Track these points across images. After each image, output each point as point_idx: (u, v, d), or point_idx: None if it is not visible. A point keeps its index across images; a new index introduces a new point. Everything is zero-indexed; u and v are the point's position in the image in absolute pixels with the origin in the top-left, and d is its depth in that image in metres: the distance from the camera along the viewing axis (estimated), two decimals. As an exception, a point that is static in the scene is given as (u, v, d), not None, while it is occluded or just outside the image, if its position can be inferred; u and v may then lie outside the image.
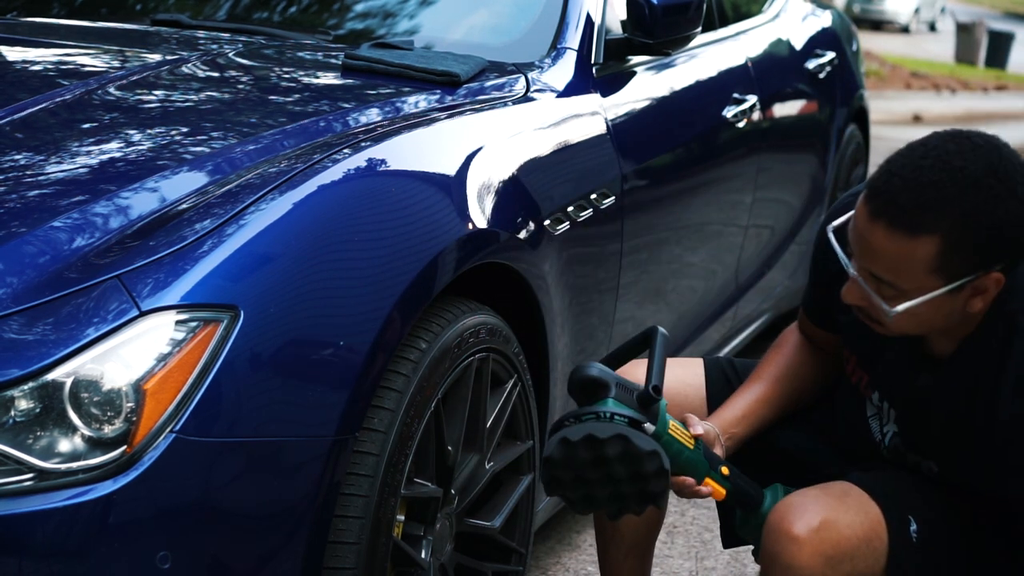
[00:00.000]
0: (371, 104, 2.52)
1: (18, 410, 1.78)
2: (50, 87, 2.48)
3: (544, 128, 2.71)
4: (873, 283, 1.90)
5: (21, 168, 2.12)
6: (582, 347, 2.76)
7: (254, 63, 2.80)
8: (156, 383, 1.81)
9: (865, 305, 1.94)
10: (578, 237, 2.67)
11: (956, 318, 1.92)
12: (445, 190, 2.30)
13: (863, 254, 1.89)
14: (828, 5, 5.22)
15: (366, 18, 3.21)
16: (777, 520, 1.99)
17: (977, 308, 1.90)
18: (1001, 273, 1.86)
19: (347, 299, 2.02)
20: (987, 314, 1.94)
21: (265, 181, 2.06)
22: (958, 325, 1.95)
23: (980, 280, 1.87)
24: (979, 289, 1.88)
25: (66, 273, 1.87)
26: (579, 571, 3.11)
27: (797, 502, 2.00)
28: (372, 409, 2.07)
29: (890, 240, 1.83)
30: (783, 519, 1.98)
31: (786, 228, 4.21)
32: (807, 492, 2.04)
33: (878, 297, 1.90)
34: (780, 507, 2.01)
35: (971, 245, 1.83)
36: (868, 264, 1.89)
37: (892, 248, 1.84)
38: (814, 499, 2.00)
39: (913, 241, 1.82)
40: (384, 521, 2.08)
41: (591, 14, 3.03)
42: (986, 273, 1.86)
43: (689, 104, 3.45)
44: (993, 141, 1.85)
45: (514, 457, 2.50)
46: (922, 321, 1.91)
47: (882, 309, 1.90)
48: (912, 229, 1.82)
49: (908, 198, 1.82)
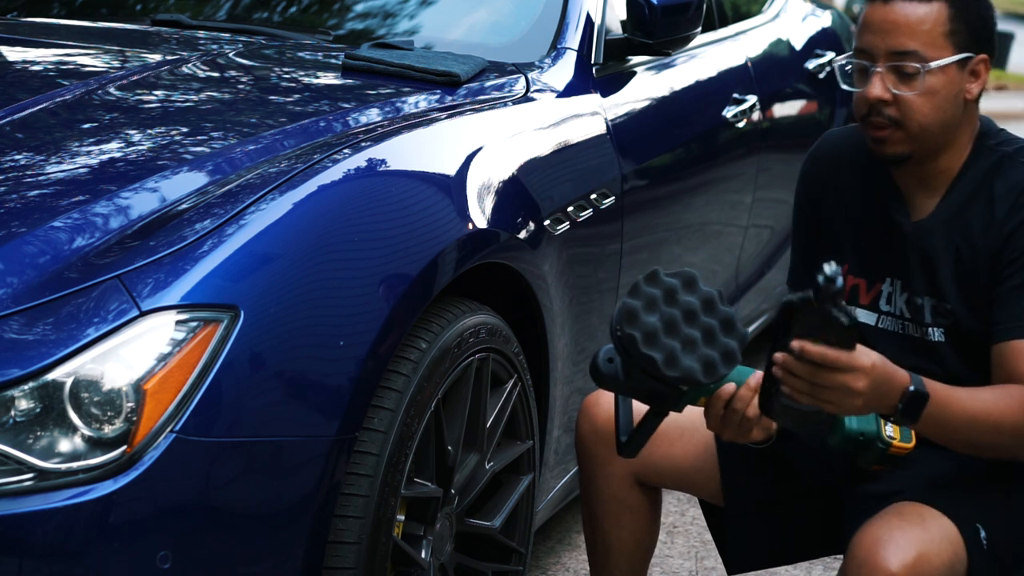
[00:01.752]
0: (371, 104, 2.52)
1: (18, 410, 1.78)
2: (50, 87, 2.48)
3: (544, 128, 2.71)
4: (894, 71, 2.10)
5: (21, 168, 2.12)
6: (582, 347, 2.76)
7: (254, 63, 2.80)
8: (156, 383, 1.81)
9: (888, 97, 2.10)
10: (578, 237, 2.67)
11: (959, 110, 2.13)
12: (445, 190, 2.30)
13: (885, 36, 2.10)
14: (828, 5, 5.22)
15: (366, 18, 3.21)
16: (868, 553, 1.96)
17: (974, 93, 2.14)
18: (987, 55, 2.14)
19: (347, 299, 2.02)
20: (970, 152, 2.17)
21: (265, 181, 2.06)
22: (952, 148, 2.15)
23: (976, 61, 2.13)
24: (975, 73, 2.13)
25: (66, 273, 1.87)
26: (579, 571, 3.11)
27: (886, 536, 1.97)
28: (372, 409, 2.07)
29: (909, 7, 2.09)
30: (875, 553, 1.95)
31: (786, 228, 4.21)
32: (888, 521, 2.01)
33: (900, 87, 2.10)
34: (868, 539, 1.98)
35: (969, 19, 2.11)
36: (892, 42, 2.09)
37: (913, 14, 2.09)
38: (900, 529, 1.98)
39: (928, 4, 2.10)
40: (384, 521, 2.08)
41: (591, 14, 3.03)
42: (979, 54, 2.13)
43: (689, 104, 3.45)
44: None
45: (514, 457, 2.50)
46: (937, 105, 2.10)
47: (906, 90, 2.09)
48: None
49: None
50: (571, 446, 2.80)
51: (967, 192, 2.16)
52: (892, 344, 2.21)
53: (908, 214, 2.20)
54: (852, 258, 2.27)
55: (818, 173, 2.33)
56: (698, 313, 1.91)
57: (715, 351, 1.90)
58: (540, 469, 2.62)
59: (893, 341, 2.22)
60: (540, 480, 2.62)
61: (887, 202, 2.22)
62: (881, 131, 2.13)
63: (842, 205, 2.28)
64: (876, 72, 2.11)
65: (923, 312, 2.19)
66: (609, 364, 1.97)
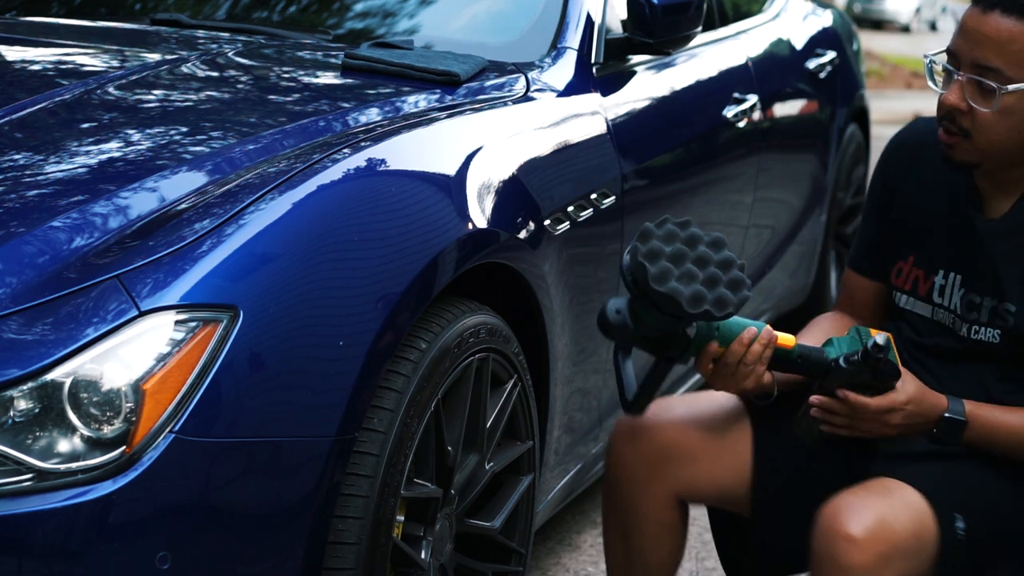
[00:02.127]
0: (371, 104, 2.51)
1: (17, 410, 1.78)
2: (49, 87, 2.48)
3: (544, 128, 2.70)
4: (975, 82, 2.06)
5: (21, 168, 2.11)
6: (582, 347, 2.76)
7: (254, 63, 2.80)
8: (155, 383, 1.81)
9: (963, 107, 2.07)
10: (578, 237, 2.67)
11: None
12: (445, 190, 2.30)
13: (974, 46, 2.06)
14: (829, 4, 5.22)
15: (366, 18, 3.21)
16: (830, 521, 1.99)
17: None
18: None
19: (347, 299, 2.02)
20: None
21: (264, 181, 2.06)
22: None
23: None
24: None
25: (65, 273, 1.87)
26: (579, 571, 3.11)
27: (848, 502, 2.01)
28: (372, 409, 2.06)
29: (1005, 22, 2.04)
30: (836, 519, 1.99)
31: (786, 228, 4.21)
32: (855, 491, 2.05)
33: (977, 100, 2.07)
34: (831, 508, 2.01)
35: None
36: (978, 54, 2.05)
37: (1006, 31, 2.04)
38: (864, 498, 2.02)
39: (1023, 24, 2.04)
40: (384, 521, 2.07)
41: (591, 13, 3.03)
42: None
43: (689, 104, 3.45)
44: None
45: (514, 457, 2.50)
46: (1012, 125, 2.06)
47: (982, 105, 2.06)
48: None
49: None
50: (571, 446, 2.80)
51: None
52: (946, 339, 2.23)
53: (982, 213, 2.19)
54: (920, 250, 2.27)
55: (900, 160, 2.31)
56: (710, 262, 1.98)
57: (710, 293, 1.96)
58: (540, 469, 2.61)
59: (947, 336, 2.23)
60: (540, 480, 2.62)
61: (963, 199, 2.21)
62: (952, 137, 2.11)
63: (918, 195, 2.28)
64: (957, 79, 2.08)
65: (980, 311, 2.18)
66: (617, 315, 2.03)
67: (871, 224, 2.37)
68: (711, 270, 1.96)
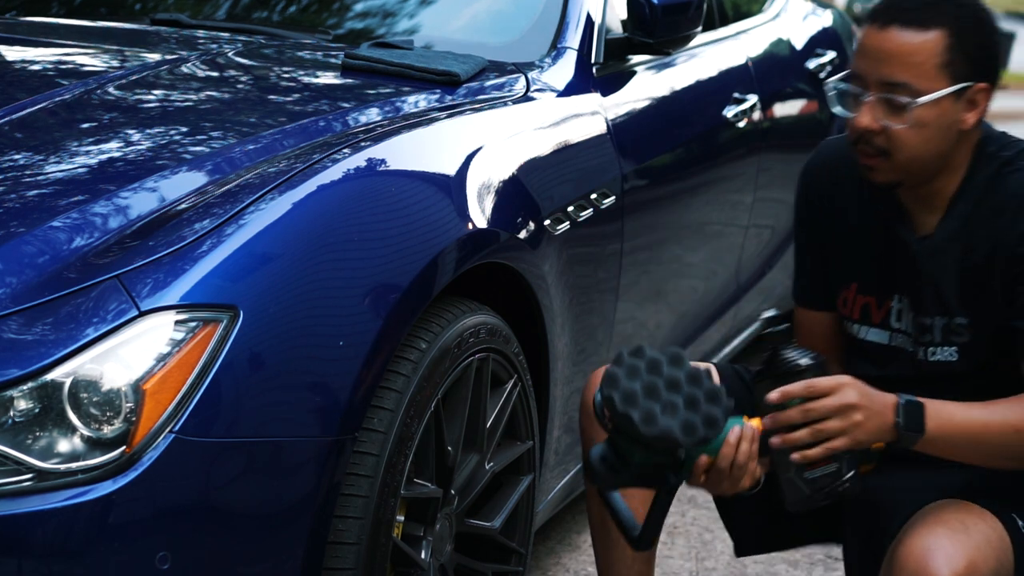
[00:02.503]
0: (371, 104, 2.51)
1: (17, 410, 1.78)
2: (49, 87, 2.48)
3: (544, 128, 2.70)
4: (884, 101, 2.03)
5: (20, 168, 2.11)
6: (582, 347, 2.76)
7: (254, 63, 2.80)
8: (155, 383, 1.81)
9: (876, 127, 2.04)
10: (578, 237, 2.67)
11: (952, 140, 2.06)
12: (445, 190, 2.30)
13: (878, 65, 2.03)
14: (829, 4, 5.22)
15: (366, 18, 3.21)
16: (921, 565, 1.94)
17: (970, 123, 2.05)
18: (987, 85, 2.06)
19: (347, 299, 2.02)
20: (970, 163, 2.10)
21: (264, 181, 2.06)
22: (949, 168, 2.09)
23: (974, 90, 2.04)
24: (973, 102, 2.05)
25: (65, 273, 1.87)
26: (579, 571, 3.10)
27: (937, 544, 1.95)
28: (372, 409, 2.06)
29: (904, 36, 2.02)
30: (928, 565, 1.93)
31: (787, 228, 4.21)
32: (934, 528, 1.98)
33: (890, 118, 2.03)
34: (917, 548, 1.96)
35: (968, 47, 2.03)
36: (884, 71, 2.02)
37: (907, 44, 2.02)
38: (947, 537, 1.96)
39: (925, 34, 2.02)
40: (384, 521, 2.07)
41: (591, 13, 3.03)
42: (977, 82, 2.04)
43: (689, 104, 3.44)
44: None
45: (514, 457, 2.50)
46: (928, 137, 2.03)
47: (896, 121, 2.03)
48: (923, 23, 2.01)
49: (912, 1, 2.03)
50: (571, 446, 2.80)
51: (970, 204, 2.10)
52: (905, 364, 2.18)
53: (913, 231, 2.15)
54: (860, 276, 2.22)
55: (819, 187, 2.27)
56: (681, 383, 1.91)
57: (697, 416, 1.90)
58: (540, 469, 2.61)
59: (906, 361, 2.18)
60: (540, 480, 2.62)
61: (891, 219, 2.17)
62: (870, 159, 2.08)
63: (845, 220, 2.23)
64: (866, 101, 2.04)
65: (933, 332, 2.15)
66: (603, 463, 1.97)
67: (805, 256, 2.33)
68: (686, 391, 1.90)
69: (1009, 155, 2.10)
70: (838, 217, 2.24)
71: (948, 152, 2.07)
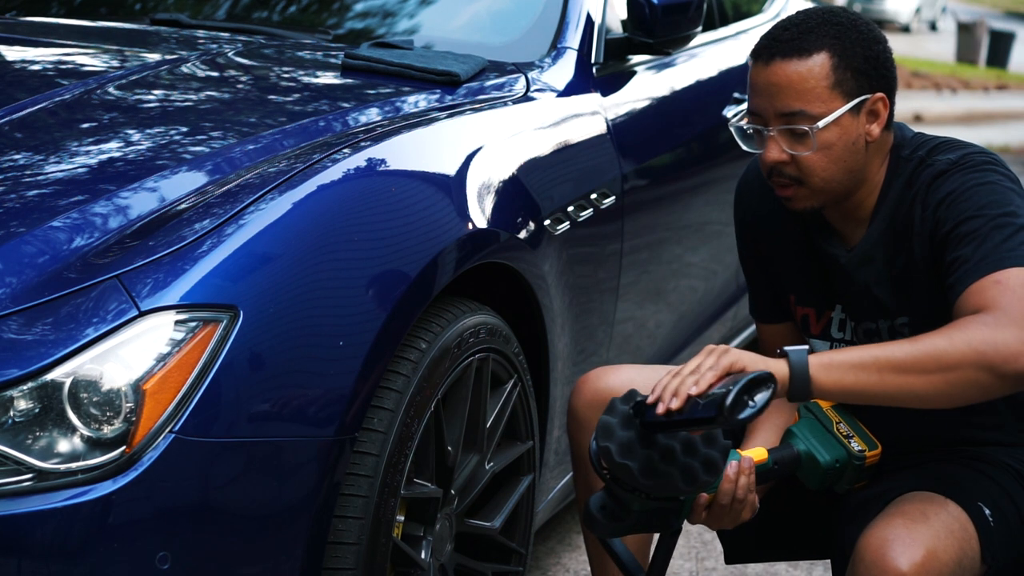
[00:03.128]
0: (371, 104, 2.51)
1: (17, 410, 1.78)
2: (49, 87, 2.48)
3: (544, 128, 2.70)
4: (786, 132, 2.06)
5: (21, 168, 2.11)
6: (582, 347, 2.76)
7: (254, 63, 2.80)
8: (155, 383, 1.81)
9: (785, 158, 2.07)
10: (578, 237, 2.67)
11: (861, 154, 2.09)
12: (445, 190, 2.30)
13: (771, 99, 2.06)
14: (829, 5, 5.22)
15: (366, 18, 3.21)
16: (878, 556, 1.95)
17: (875, 135, 2.09)
18: (884, 95, 2.09)
19: (347, 299, 2.02)
20: (887, 171, 2.14)
21: (264, 181, 2.06)
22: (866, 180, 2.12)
23: (871, 102, 2.07)
24: (873, 113, 2.08)
25: (65, 273, 1.87)
26: (579, 571, 3.10)
27: (895, 534, 1.97)
28: (372, 409, 2.06)
29: (789, 67, 2.05)
30: (885, 555, 1.94)
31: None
32: (893, 521, 2.00)
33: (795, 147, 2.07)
34: (875, 540, 1.97)
35: (854, 62, 2.06)
36: (779, 104, 2.06)
37: (794, 73, 2.05)
38: (909, 529, 1.97)
39: (808, 60, 2.05)
40: (384, 522, 2.07)
41: (591, 13, 3.03)
42: (873, 93, 2.07)
43: (689, 104, 3.45)
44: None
45: (514, 457, 2.50)
46: (836, 156, 2.07)
47: (801, 149, 2.06)
48: (803, 51, 2.05)
49: (788, 33, 2.08)
50: (571, 446, 2.80)
51: (892, 209, 2.13)
52: None
53: (842, 244, 2.19)
54: (796, 289, 2.27)
55: (751, 202, 2.31)
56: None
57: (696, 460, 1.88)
58: (540, 469, 2.61)
59: None
60: (540, 480, 2.62)
61: (819, 235, 2.21)
62: (786, 190, 2.11)
63: (776, 234, 2.27)
64: (769, 135, 2.08)
65: (880, 335, 2.17)
66: (603, 511, 1.96)
67: (750, 268, 2.37)
68: (682, 435, 1.88)
69: (923, 154, 2.12)
70: (770, 234, 2.28)
71: (861, 166, 2.10)
